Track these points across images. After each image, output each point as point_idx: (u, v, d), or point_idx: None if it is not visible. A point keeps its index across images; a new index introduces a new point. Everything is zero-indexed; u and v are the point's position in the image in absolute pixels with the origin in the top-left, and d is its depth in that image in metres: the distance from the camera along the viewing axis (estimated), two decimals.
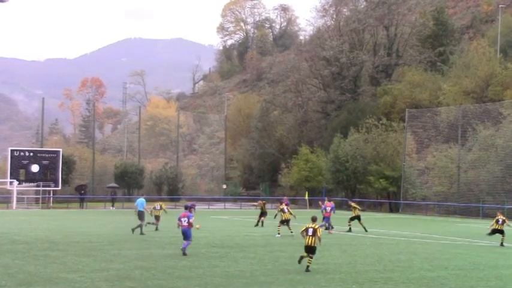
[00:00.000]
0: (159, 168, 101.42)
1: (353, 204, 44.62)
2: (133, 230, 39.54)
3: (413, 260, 28.31)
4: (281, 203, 41.52)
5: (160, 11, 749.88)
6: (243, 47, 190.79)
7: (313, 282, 21.74)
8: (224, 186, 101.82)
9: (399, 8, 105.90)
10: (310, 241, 24.34)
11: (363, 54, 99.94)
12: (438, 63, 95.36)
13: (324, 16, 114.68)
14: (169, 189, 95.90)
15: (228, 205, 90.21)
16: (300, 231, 25.36)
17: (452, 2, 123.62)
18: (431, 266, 26.69)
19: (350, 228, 43.49)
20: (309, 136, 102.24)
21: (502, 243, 36.29)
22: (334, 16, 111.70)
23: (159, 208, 43.09)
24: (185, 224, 29.09)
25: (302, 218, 42.21)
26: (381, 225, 51.68)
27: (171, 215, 42.82)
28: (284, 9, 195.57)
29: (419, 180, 77.69)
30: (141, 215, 39.62)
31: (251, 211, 65.95)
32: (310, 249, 24.34)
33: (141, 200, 40.56)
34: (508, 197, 66.76)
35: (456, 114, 76.32)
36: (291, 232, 39.06)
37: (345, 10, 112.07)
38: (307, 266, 24.21)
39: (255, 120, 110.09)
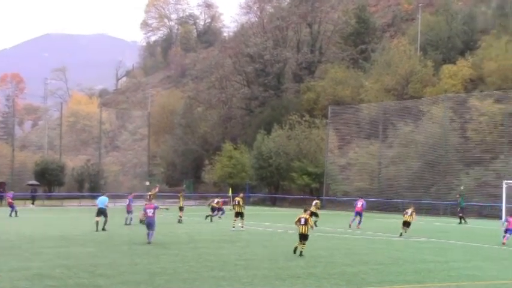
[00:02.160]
0: (81, 165, 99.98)
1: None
2: (102, 228, 39.61)
3: (334, 256, 28.64)
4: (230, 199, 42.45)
5: (82, 6, 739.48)
6: (166, 43, 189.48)
7: (235, 278, 21.79)
8: (147, 183, 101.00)
9: (322, 5, 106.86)
10: (303, 229, 27.85)
11: (286, 51, 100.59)
12: (360, 61, 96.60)
13: (248, 13, 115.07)
14: (91, 186, 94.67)
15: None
16: (294, 221, 28.60)
17: (374, 1, 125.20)
18: (352, 261, 27.04)
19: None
20: (233, 133, 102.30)
21: (401, 233, 38.62)
22: (258, 13, 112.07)
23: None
24: (150, 214, 32.06)
25: (226, 215, 42.31)
26: (284, 220, 51.96)
27: (93, 213, 42.22)
28: (208, 5, 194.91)
29: (341, 176, 78.64)
30: (102, 212, 40.03)
31: (175, 208, 65.65)
32: (304, 237, 27.86)
33: (102, 198, 40.93)
34: (426, 192, 68.21)
35: (377, 111, 77.55)
36: (242, 227, 40.27)
37: (268, 7, 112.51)
38: (301, 252, 27.70)
39: (178, 116, 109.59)
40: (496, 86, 72.65)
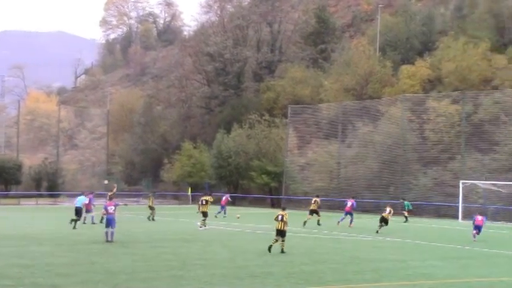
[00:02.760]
0: (39, 163, 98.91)
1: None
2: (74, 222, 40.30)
3: (293, 255, 28.76)
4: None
5: (40, 3, 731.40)
6: (126, 42, 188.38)
7: (195, 277, 21.80)
8: (105, 182, 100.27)
9: (282, 5, 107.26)
10: (280, 226, 29.06)
11: (246, 51, 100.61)
12: (320, 61, 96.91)
13: (208, 12, 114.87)
14: (49, 185, 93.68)
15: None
16: (274, 217, 29.78)
17: (334, 1, 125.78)
18: (311, 260, 27.21)
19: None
20: (192, 132, 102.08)
21: (377, 231, 40.88)
22: (219, 12, 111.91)
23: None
24: (111, 211, 32.43)
25: (186, 214, 42.35)
26: (262, 221, 52.17)
27: (50, 212, 41.92)
28: (168, 4, 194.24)
29: (301, 176, 78.89)
30: (78, 211, 40.95)
31: (134, 207, 65.37)
32: (281, 233, 29.03)
33: (80, 198, 41.85)
34: (384, 192, 68.76)
35: (337, 111, 77.92)
36: (204, 226, 40.52)
37: (229, 6, 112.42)
38: (282, 249, 28.78)
39: (137, 115, 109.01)
40: (454, 86, 73.49)
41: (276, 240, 29.15)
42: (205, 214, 41.69)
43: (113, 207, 32.80)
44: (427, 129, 69.71)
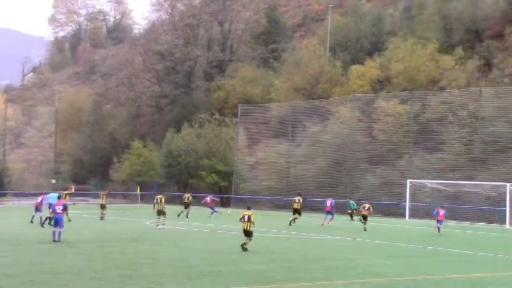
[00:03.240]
0: None
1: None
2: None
3: (244, 254, 28.70)
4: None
5: None
6: (75, 39, 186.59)
7: (143, 277, 21.59)
8: (53, 181, 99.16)
9: (233, 4, 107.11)
10: (246, 226, 29.32)
11: (197, 50, 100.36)
12: (271, 60, 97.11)
13: (158, 10, 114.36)
14: None
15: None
16: (239, 218, 29.86)
17: (285, 1, 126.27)
18: (264, 259, 27.17)
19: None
20: (142, 131, 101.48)
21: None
22: (169, 10, 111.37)
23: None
24: (59, 211, 32.14)
25: (135, 213, 42.05)
26: (212, 220, 52.08)
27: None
28: (118, 2, 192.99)
29: (250, 175, 78.93)
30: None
31: (82, 206, 64.77)
32: (247, 233, 29.33)
33: (53, 195, 41.77)
34: (333, 191, 69.08)
35: (287, 111, 78.14)
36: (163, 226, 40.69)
37: (179, 5, 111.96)
38: (245, 246, 29.09)
39: (86, 113, 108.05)
40: (402, 87, 74.19)
41: (249, 240, 29.51)
42: (161, 212, 41.33)
43: (61, 207, 32.38)
44: (375, 129, 70.28)
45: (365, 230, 42.68)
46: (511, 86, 68.39)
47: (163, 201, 41.58)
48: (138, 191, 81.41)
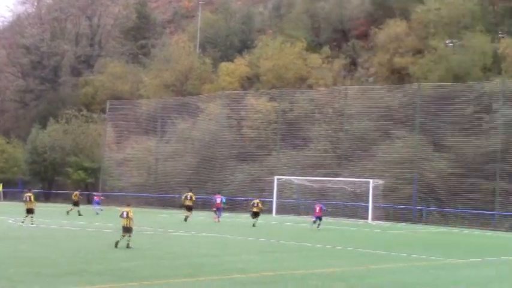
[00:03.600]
0: None
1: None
2: None
3: (108, 251, 28.19)
4: None
5: None
6: None
7: (5, 276, 20.79)
8: None
9: None
10: (126, 222, 29.38)
11: (64, 44, 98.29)
12: (140, 56, 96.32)
13: (24, 3, 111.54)
14: None
15: None
16: (119, 214, 29.82)
17: None
18: (130, 256, 26.78)
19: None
20: (6, 126, 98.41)
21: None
22: (35, 3, 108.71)
23: None
24: None
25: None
26: (77, 217, 51.06)
27: None
28: None
29: (118, 172, 77.95)
30: None
31: None
32: (127, 229, 29.33)
33: None
34: (202, 187, 69.19)
35: (156, 107, 77.65)
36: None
37: None
38: (128, 244, 28.90)
39: None
40: (271, 84, 75.16)
41: (123, 236, 29.26)
42: (30, 211, 40.30)
43: None
44: (244, 126, 70.85)
45: (254, 225, 44.33)
46: (375, 84, 70.58)
47: (32, 199, 40.64)
48: (0, 189, 78.84)
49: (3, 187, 79.46)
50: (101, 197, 60.47)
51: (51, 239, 33.79)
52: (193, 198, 48.51)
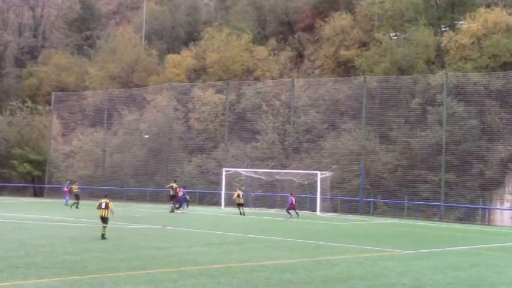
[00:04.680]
0: None
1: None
2: None
3: (55, 244, 27.92)
4: None
5: None
6: None
7: None
8: None
9: None
10: (104, 213, 30.55)
11: (7, 35, 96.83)
12: (85, 47, 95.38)
13: None
14: None
15: None
16: (96, 206, 31.16)
17: None
18: (75, 249, 26.55)
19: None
20: None
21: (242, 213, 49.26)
22: None
23: None
24: None
25: None
26: (24, 210, 50.36)
27: None
28: None
29: (65, 164, 77.15)
30: None
31: None
32: (104, 219, 30.53)
33: None
34: (150, 179, 68.98)
35: (102, 99, 77.06)
36: None
37: None
38: (103, 234, 30.04)
39: None
40: (218, 76, 75.01)
41: (104, 227, 30.35)
42: None
43: None
44: (192, 118, 70.68)
45: (241, 214, 49.34)
46: (322, 77, 70.98)
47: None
48: None
49: None
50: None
51: None
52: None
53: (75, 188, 58.09)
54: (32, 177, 79.86)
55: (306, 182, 58.08)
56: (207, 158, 67.78)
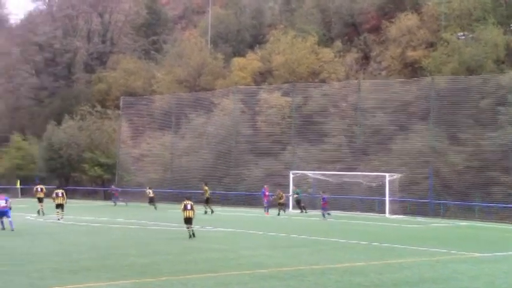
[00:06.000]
0: None
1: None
2: None
3: (127, 247, 28.27)
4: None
5: None
6: None
7: (23, 272, 20.86)
8: None
9: None
10: (188, 214, 31.91)
11: (76, 41, 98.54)
12: (152, 52, 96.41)
13: (36, 0, 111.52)
14: None
15: None
16: (181, 208, 32.19)
17: None
18: (144, 252, 26.83)
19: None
20: (21, 123, 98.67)
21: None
22: (47, 1, 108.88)
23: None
24: (3, 204, 34.73)
25: (16, 207, 40.66)
26: (96, 213, 51.20)
27: None
28: None
29: (135, 167, 78.09)
30: None
31: None
32: (188, 220, 31.95)
33: None
34: (218, 183, 69.18)
35: (170, 102, 77.68)
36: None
37: None
38: (192, 234, 31.82)
39: None
40: (284, 79, 74.89)
41: (188, 228, 31.87)
42: (60, 206, 42.52)
43: (3, 201, 34.91)
44: (259, 121, 70.65)
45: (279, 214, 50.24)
46: (388, 78, 70.28)
47: (64, 195, 43.08)
48: (18, 185, 79.11)
49: (21, 184, 79.77)
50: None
51: (65, 234, 33.89)
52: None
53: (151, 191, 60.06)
54: (102, 181, 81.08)
55: (374, 184, 57.50)
56: (274, 160, 67.66)
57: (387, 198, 54.75)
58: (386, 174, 55.54)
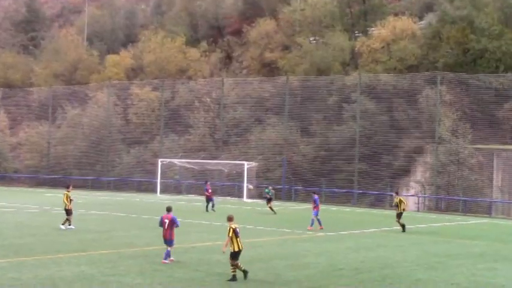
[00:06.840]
0: None
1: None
2: None
3: (3, 228, 27.40)
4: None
5: None
6: None
7: None
8: None
9: None
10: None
11: None
12: (30, 47, 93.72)
13: None
14: None
15: None
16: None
17: None
18: (22, 233, 26.17)
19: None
20: None
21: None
22: None
23: None
24: None
25: None
26: None
27: None
28: None
29: (12, 155, 75.57)
30: None
31: None
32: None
33: None
34: (91, 169, 68.25)
35: (47, 95, 76.01)
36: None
37: None
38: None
39: None
40: (154, 75, 74.56)
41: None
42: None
43: None
44: (130, 113, 70.20)
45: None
46: (249, 77, 71.29)
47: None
48: None
49: None
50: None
51: None
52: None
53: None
54: None
55: (234, 171, 58.22)
56: (143, 149, 67.41)
57: (245, 184, 55.49)
58: (245, 163, 56.30)
